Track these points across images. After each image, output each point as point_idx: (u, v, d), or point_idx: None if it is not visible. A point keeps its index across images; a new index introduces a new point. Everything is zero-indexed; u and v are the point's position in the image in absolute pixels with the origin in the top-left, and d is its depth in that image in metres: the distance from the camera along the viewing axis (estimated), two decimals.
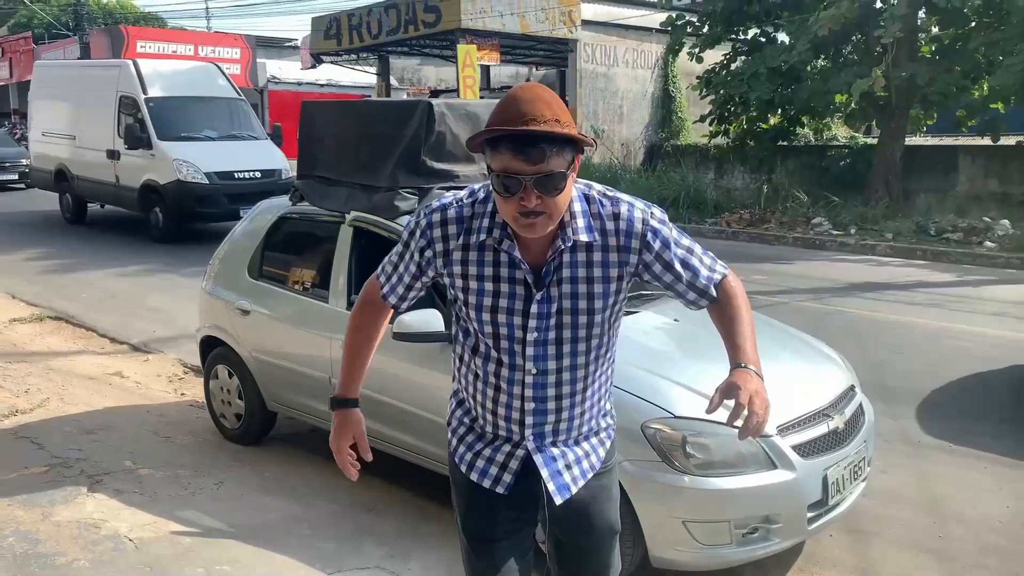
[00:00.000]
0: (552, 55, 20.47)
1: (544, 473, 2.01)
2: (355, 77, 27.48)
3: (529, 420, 2.00)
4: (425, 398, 3.74)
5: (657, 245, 1.90)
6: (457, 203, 1.94)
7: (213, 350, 4.97)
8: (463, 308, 1.98)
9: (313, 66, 22.77)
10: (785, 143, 16.40)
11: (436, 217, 1.94)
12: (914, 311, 8.03)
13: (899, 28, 12.33)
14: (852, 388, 3.65)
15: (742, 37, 16.14)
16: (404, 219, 4.00)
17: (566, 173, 1.76)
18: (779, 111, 15.44)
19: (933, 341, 6.94)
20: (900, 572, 3.51)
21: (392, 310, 2.15)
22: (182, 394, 5.87)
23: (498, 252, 1.89)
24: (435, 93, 23.32)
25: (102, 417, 5.24)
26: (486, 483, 2.06)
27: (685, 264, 1.94)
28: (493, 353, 1.97)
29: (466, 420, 2.11)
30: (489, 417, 2.04)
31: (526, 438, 2.02)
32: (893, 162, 14.10)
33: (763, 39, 15.68)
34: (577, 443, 2.07)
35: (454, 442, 2.15)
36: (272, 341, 4.62)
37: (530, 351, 1.94)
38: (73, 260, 11.28)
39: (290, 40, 37.57)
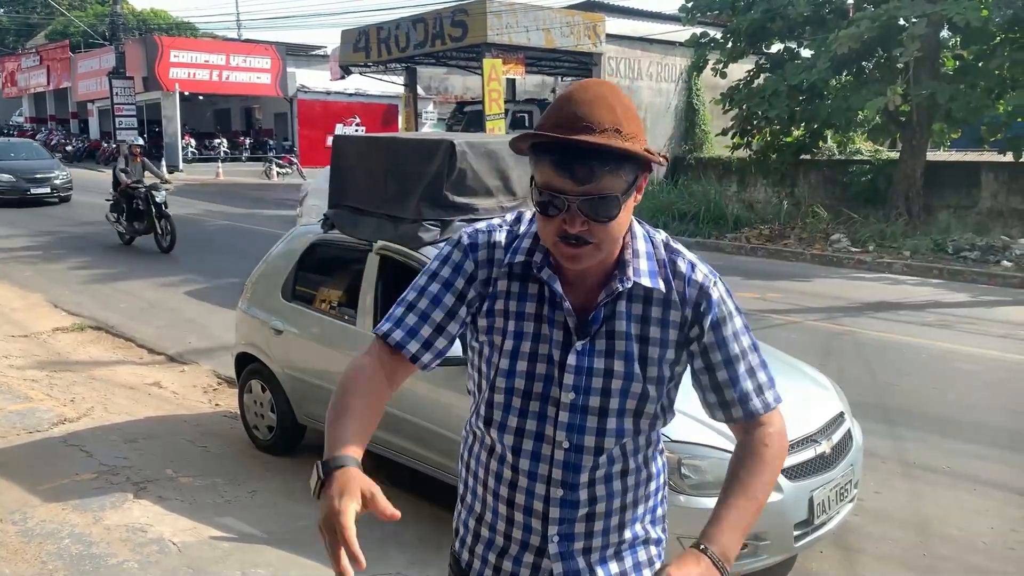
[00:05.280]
0: (577, 67, 20.77)
1: None
2: (383, 87, 27.95)
3: (555, 513, 1.57)
4: (445, 417, 4.05)
5: (707, 321, 1.54)
6: (503, 224, 1.62)
7: (248, 365, 5.31)
8: (491, 359, 1.60)
9: (342, 77, 23.23)
10: (808, 156, 16.56)
11: (482, 239, 1.60)
12: (924, 332, 8.22)
13: (918, 48, 12.49)
14: (841, 415, 3.90)
15: (766, 52, 16.35)
16: (427, 249, 4.33)
17: (622, 197, 1.43)
18: (801, 125, 15.63)
19: (940, 363, 7.13)
20: None
21: (411, 364, 1.60)
22: (217, 404, 6.22)
23: (539, 284, 1.56)
24: (461, 103, 23.67)
25: (143, 426, 5.59)
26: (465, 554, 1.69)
27: (728, 362, 1.55)
28: (516, 420, 1.58)
29: (473, 525, 1.69)
30: (503, 510, 1.61)
31: (550, 539, 1.58)
32: (914, 178, 14.23)
33: (786, 55, 15.88)
34: (617, 557, 1.62)
35: (465, 555, 1.70)
36: (303, 359, 4.95)
37: (564, 417, 1.54)
38: (112, 270, 11.74)
39: (319, 47, 38.18)
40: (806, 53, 15.50)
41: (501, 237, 1.60)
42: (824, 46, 13.83)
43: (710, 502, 3.32)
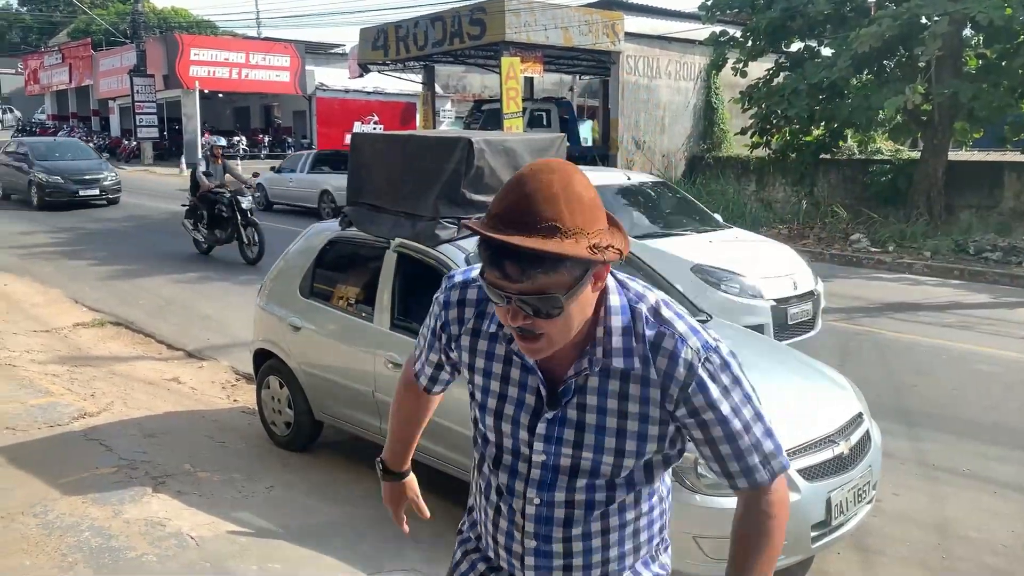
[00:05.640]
0: (595, 66, 20.73)
1: None
2: (401, 85, 28.05)
3: (530, 561, 1.61)
4: (459, 412, 4.05)
5: (698, 401, 1.48)
6: (478, 281, 1.59)
7: (265, 362, 5.34)
8: (473, 403, 1.68)
9: (360, 75, 23.31)
10: (827, 156, 16.46)
11: (454, 296, 1.65)
12: (944, 333, 8.14)
13: (939, 46, 12.37)
14: (860, 415, 3.87)
15: (786, 50, 16.26)
16: (444, 247, 4.34)
17: (565, 295, 1.36)
18: (821, 124, 15.53)
19: (960, 364, 7.07)
20: None
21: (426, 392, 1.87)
22: (235, 400, 6.26)
23: (508, 347, 1.57)
24: (479, 101, 23.69)
25: (162, 421, 5.64)
26: None
27: (730, 439, 1.50)
28: (493, 469, 1.64)
29: (473, 536, 1.78)
30: (490, 542, 1.68)
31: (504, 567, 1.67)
32: (935, 178, 14.10)
33: (806, 54, 15.77)
34: None
35: (458, 555, 1.80)
36: (320, 355, 4.97)
37: (535, 474, 1.57)
38: (132, 267, 11.84)
39: (337, 46, 38.32)
40: (826, 51, 15.38)
41: (474, 295, 1.62)
42: (845, 44, 13.72)
43: (726, 501, 3.32)
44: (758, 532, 1.54)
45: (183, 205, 13.11)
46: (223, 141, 13.50)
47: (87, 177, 18.98)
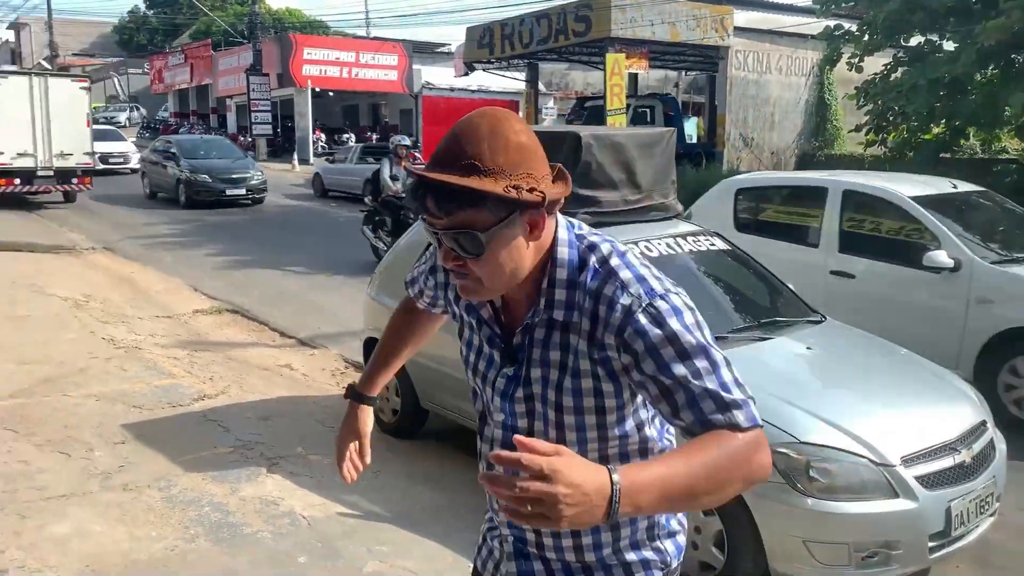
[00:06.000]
0: (702, 61, 20.37)
1: None
2: (504, 83, 28.23)
3: (503, 516, 1.60)
4: None
5: (638, 347, 1.38)
6: None
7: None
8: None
9: (465, 74, 23.61)
10: (947, 155, 15.70)
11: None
12: None
13: None
14: (983, 423, 3.69)
15: (904, 44, 15.59)
16: None
17: (485, 234, 1.36)
18: (942, 122, 14.82)
19: None
20: None
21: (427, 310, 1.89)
22: (343, 388, 6.44)
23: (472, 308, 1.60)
24: (582, 98, 23.62)
25: (275, 405, 5.86)
26: (479, 564, 1.80)
27: (678, 388, 1.36)
28: (479, 429, 1.67)
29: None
30: (488, 499, 1.69)
31: (504, 539, 1.68)
32: None
33: (927, 48, 15.09)
34: (587, 572, 1.59)
35: (483, 528, 1.81)
36: (428, 345, 5.05)
37: (498, 434, 1.59)
38: (246, 258, 12.35)
39: (443, 45, 38.91)
40: (948, 46, 14.66)
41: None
42: (969, 38, 13.06)
43: (838, 507, 3.23)
44: (707, 439, 1.32)
45: (362, 210, 12.44)
46: (408, 141, 12.41)
47: (234, 176, 18.70)
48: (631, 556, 1.57)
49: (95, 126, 19.22)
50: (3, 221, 14.18)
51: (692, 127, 22.75)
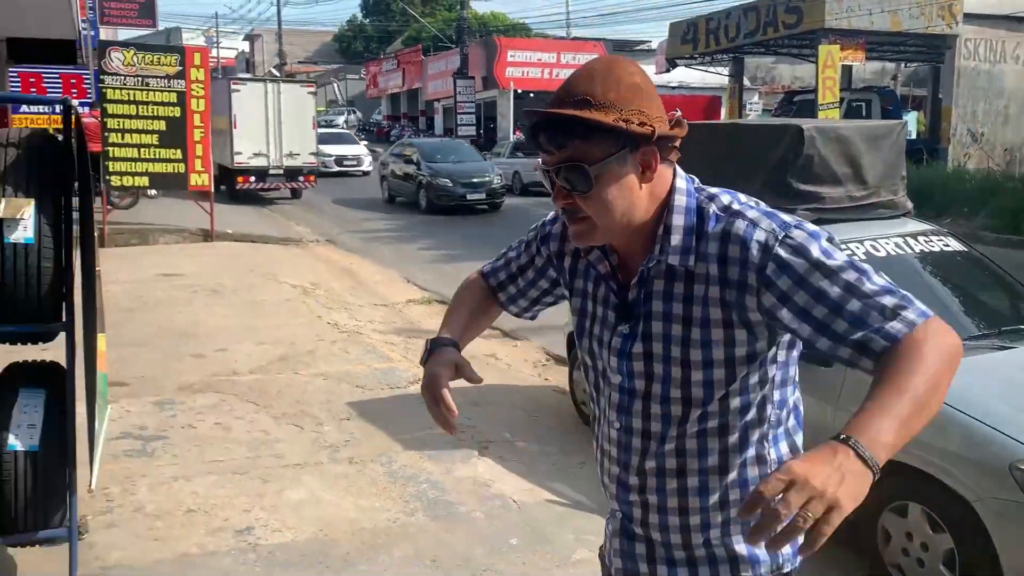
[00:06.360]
0: (925, 51, 18.97)
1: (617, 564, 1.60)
2: (705, 79, 27.64)
3: (613, 490, 1.58)
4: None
5: (784, 283, 1.33)
6: None
7: None
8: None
9: (667, 70, 23.31)
10: None
11: (560, 219, 1.64)
12: None
13: None
14: None
15: None
16: None
17: (593, 168, 1.36)
18: None
19: None
20: None
21: (495, 301, 1.81)
22: (546, 379, 6.60)
23: (590, 265, 1.56)
24: (790, 93, 22.68)
25: (483, 392, 6.07)
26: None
27: (837, 309, 1.30)
28: (595, 397, 1.61)
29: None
30: (599, 474, 1.65)
31: (613, 514, 1.63)
32: None
33: None
34: (691, 565, 1.52)
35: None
36: None
37: (615, 397, 1.52)
38: (453, 252, 12.90)
39: (643, 42, 38.63)
40: None
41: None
42: None
43: None
44: (906, 355, 1.23)
45: None
46: None
47: (474, 180, 17.91)
48: (740, 548, 1.48)
49: (329, 130, 20.56)
50: (240, 215, 15.62)
51: (913, 122, 21.22)
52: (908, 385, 1.20)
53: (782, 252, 1.33)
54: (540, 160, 1.44)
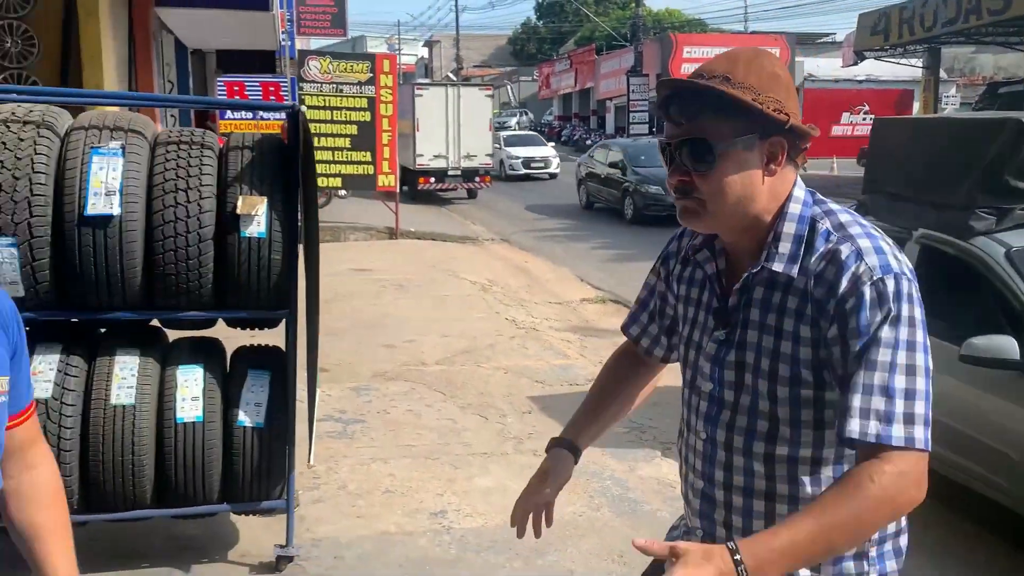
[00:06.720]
0: None
1: None
2: (895, 72, 26.05)
3: (696, 504, 1.53)
4: (990, 426, 3.71)
5: (851, 323, 1.29)
6: None
7: None
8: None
9: (855, 63, 22.18)
10: None
11: (680, 235, 1.65)
12: None
13: None
14: None
15: None
16: (979, 239, 3.99)
17: (719, 145, 1.34)
18: None
19: None
20: None
21: (640, 355, 1.80)
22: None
23: (700, 268, 1.54)
24: (994, 84, 20.97)
25: (660, 394, 5.95)
26: None
27: (866, 367, 1.28)
28: (682, 405, 1.60)
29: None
30: (682, 487, 1.60)
31: (692, 531, 1.58)
32: None
33: None
34: None
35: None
36: None
37: (703, 406, 1.49)
38: (627, 251, 12.89)
39: (827, 35, 36.92)
40: None
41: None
42: None
43: None
44: (849, 485, 1.24)
45: None
46: None
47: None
48: (829, 568, 1.40)
49: (516, 132, 20.76)
50: (421, 214, 16.29)
51: None
52: (829, 520, 1.23)
53: (867, 292, 1.29)
54: (663, 138, 1.44)
